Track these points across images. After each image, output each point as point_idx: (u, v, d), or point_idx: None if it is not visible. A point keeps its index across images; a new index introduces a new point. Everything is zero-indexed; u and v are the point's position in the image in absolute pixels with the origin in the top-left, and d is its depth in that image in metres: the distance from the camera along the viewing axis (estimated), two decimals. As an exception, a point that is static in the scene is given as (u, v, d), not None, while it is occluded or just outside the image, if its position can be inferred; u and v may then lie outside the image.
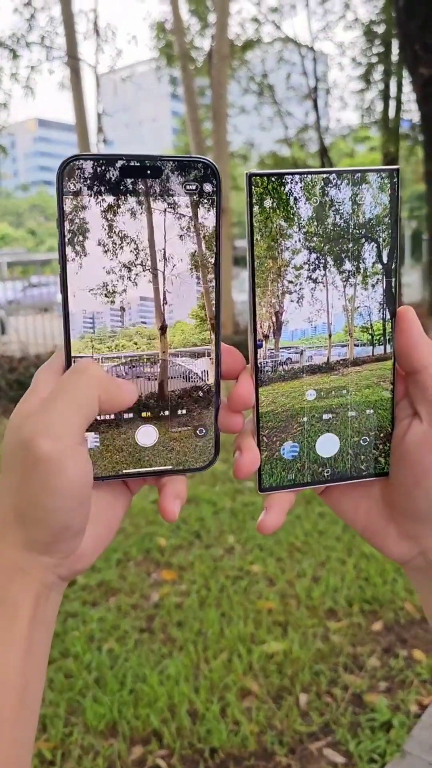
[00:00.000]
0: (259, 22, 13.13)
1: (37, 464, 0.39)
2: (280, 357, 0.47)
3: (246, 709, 1.96)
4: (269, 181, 0.44)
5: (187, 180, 0.44)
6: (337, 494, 0.50)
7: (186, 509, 3.43)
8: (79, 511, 0.41)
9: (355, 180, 0.45)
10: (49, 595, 0.43)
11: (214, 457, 0.48)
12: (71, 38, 9.97)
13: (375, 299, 0.47)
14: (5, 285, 11.52)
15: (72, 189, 0.42)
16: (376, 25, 12.53)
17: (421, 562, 0.47)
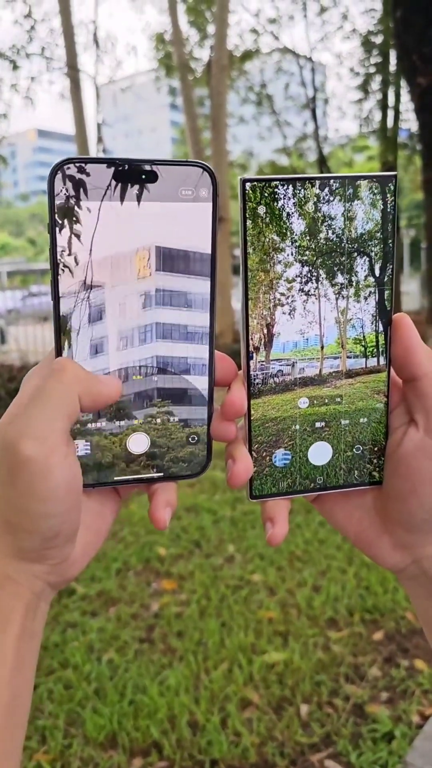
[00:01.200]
0: (258, 33, 13.21)
1: (22, 467, 0.38)
2: (272, 368, 0.46)
3: (247, 720, 1.95)
4: (264, 187, 0.43)
5: (183, 185, 0.43)
6: (330, 503, 0.50)
7: (186, 518, 3.42)
8: (68, 516, 0.40)
9: (352, 186, 0.45)
10: (39, 604, 0.43)
11: (206, 464, 0.48)
12: (71, 49, 10.04)
13: (369, 309, 0.47)
14: (5, 294, 11.55)
15: (64, 193, 0.41)
16: (374, 36, 12.60)
17: (415, 571, 0.47)
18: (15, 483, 0.38)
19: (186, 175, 0.43)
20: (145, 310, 0.45)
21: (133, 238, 0.43)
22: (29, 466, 0.38)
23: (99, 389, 0.42)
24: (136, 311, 0.45)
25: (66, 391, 0.40)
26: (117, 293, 0.44)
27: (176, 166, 0.43)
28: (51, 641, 2.35)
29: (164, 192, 0.43)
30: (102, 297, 0.44)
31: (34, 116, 77.45)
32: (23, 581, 0.41)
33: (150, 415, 0.46)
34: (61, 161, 0.41)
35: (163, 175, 0.43)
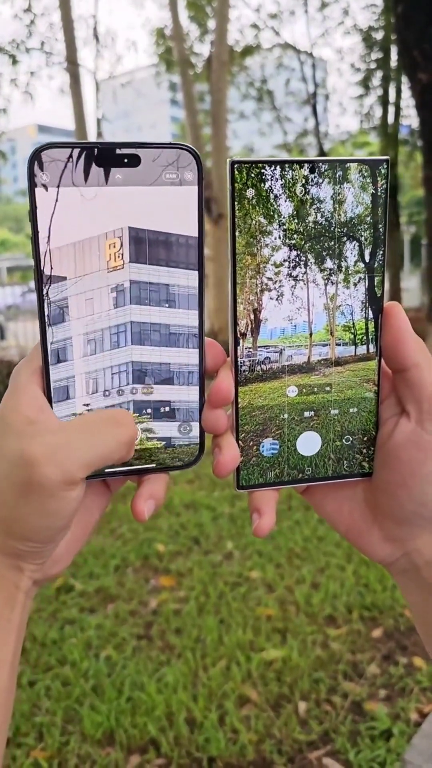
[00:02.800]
0: (259, 28, 13.16)
1: (40, 490, 0.38)
2: (259, 355, 0.45)
3: (245, 717, 1.95)
4: (254, 169, 0.42)
5: (167, 168, 0.42)
6: (320, 495, 0.49)
7: (184, 515, 3.42)
8: (66, 527, 0.41)
9: (343, 170, 0.44)
10: (21, 597, 0.42)
11: (199, 454, 0.47)
12: (71, 44, 9.99)
13: (359, 296, 0.46)
14: (4, 290, 11.53)
15: (44, 180, 0.40)
16: (375, 32, 12.55)
17: (406, 564, 0.47)
18: (26, 497, 0.38)
19: (170, 158, 0.42)
20: (120, 307, 0.43)
21: (113, 223, 0.41)
22: (47, 489, 0.38)
23: (132, 452, 0.42)
24: (107, 307, 0.43)
25: (117, 448, 0.40)
26: (93, 282, 0.42)
27: (159, 149, 0.42)
28: (49, 638, 2.34)
29: (148, 175, 0.41)
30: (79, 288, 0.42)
31: (34, 111, 77.25)
32: (9, 576, 0.41)
33: (141, 407, 0.45)
34: (42, 146, 0.40)
35: (146, 159, 0.41)
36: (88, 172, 0.41)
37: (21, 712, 1.99)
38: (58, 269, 0.41)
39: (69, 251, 0.41)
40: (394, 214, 12.63)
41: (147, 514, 0.44)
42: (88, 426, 0.39)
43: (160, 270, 0.43)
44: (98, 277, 0.42)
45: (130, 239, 0.42)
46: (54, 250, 0.41)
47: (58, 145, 0.40)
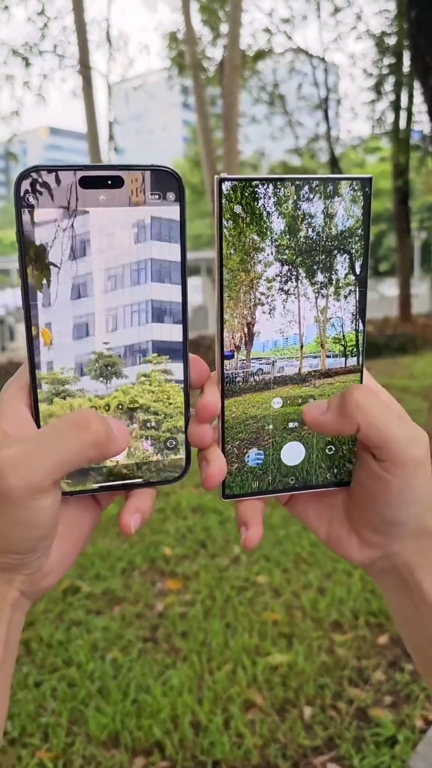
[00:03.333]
0: (271, 33, 13.18)
1: (7, 498, 0.38)
2: (252, 367, 0.47)
3: (250, 721, 1.95)
4: (240, 186, 0.43)
5: (150, 189, 0.43)
6: (301, 504, 0.50)
7: (191, 518, 3.42)
8: (45, 539, 0.41)
9: (329, 187, 0.45)
10: (13, 613, 0.43)
11: (185, 469, 0.48)
12: (84, 47, 10.04)
13: (347, 308, 0.47)
14: (14, 291, 11.57)
15: (31, 202, 0.41)
16: (388, 37, 12.56)
17: (384, 565, 0.48)
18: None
19: (153, 179, 0.43)
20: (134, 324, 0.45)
21: (101, 243, 0.43)
22: (13, 497, 0.38)
23: (112, 450, 0.41)
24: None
25: (79, 451, 0.39)
26: (81, 303, 0.44)
27: (142, 171, 0.43)
28: (55, 639, 2.35)
29: (131, 196, 0.43)
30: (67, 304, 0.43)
31: (46, 114, 77.60)
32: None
33: (127, 421, 0.46)
34: (28, 169, 0.41)
35: (129, 180, 0.43)
36: (73, 193, 0.42)
37: (27, 712, 2.00)
38: (63, 285, 0.43)
39: (71, 268, 0.43)
40: (405, 220, 12.63)
41: (133, 527, 0.45)
42: (50, 433, 0.39)
43: (147, 285, 0.44)
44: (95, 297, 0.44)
45: (123, 257, 0.43)
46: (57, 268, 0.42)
47: (43, 168, 0.41)
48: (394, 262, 17.80)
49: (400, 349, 9.75)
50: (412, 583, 0.47)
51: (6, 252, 52.89)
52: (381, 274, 31.60)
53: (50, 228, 0.42)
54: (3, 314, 10.20)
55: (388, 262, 32.18)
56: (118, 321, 0.45)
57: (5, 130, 40.67)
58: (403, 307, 12.50)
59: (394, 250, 14.38)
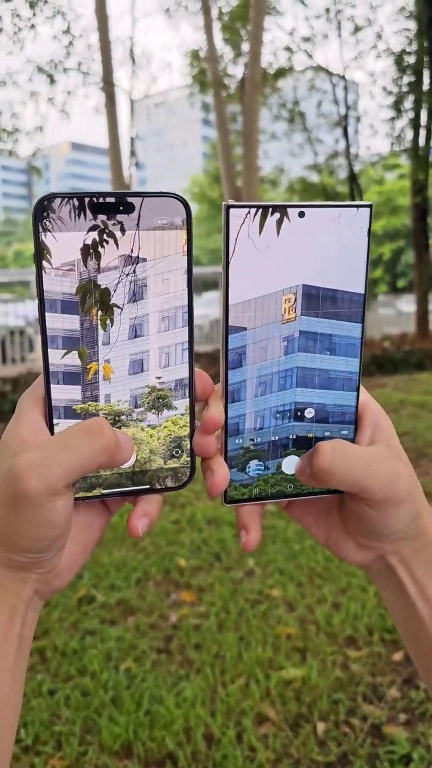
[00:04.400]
0: (292, 51, 13.30)
1: (26, 502, 0.40)
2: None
3: (263, 735, 1.94)
4: (248, 213, 0.46)
5: (158, 215, 0.45)
6: (300, 510, 0.54)
7: (206, 530, 3.43)
8: (60, 538, 0.43)
9: (334, 214, 0.48)
10: (27, 611, 0.44)
11: (189, 477, 0.50)
12: (107, 65, 10.21)
13: (351, 332, 0.50)
14: (34, 304, 11.66)
15: (48, 226, 0.44)
16: (408, 55, 12.62)
17: (381, 566, 0.51)
18: (15, 508, 0.41)
19: (162, 205, 0.46)
20: (138, 337, 0.48)
21: (112, 266, 0.46)
22: (31, 499, 0.40)
23: (119, 460, 0.44)
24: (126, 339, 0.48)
25: (92, 456, 0.42)
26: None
27: (152, 197, 0.45)
28: (69, 647, 2.36)
29: (141, 221, 0.45)
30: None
31: (69, 129, 78.66)
32: (10, 586, 0.43)
33: (136, 431, 0.48)
34: (45, 196, 0.44)
35: (140, 206, 0.45)
36: (88, 218, 0.44)
37: (40, 720, 2.01)
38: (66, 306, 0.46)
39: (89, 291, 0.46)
40: (423, 236, 12.61)
41: (141, 530, 0.47)
42: (65, 439, 0.42)
43: (151, 301, 0.47)
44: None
45: (133, 280, 0.46)
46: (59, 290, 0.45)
47: (60, 195, 0.44)
48: (411, 279, 17.77)
49: (418, 365, 9.70)
50: (407, 581, 0.49)
51: (27, 264, 53.46)
52: (399, 290, 31.50)
53: (66, 251, 0.45)
54: (23, 325, 10.30)
55: (406, 278, 32.08)
56: (144, 329, 0.48)
57: (29, 145, 41.28)
58: (420, 322, 12.45)
59: (412, 267, 14.36)
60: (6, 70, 10.49)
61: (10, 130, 10.43)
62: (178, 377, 0.48)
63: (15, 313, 10.72)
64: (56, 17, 10.46)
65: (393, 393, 7.43)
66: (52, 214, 0.43)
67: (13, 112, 10.40)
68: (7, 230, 71.64)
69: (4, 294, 18.68)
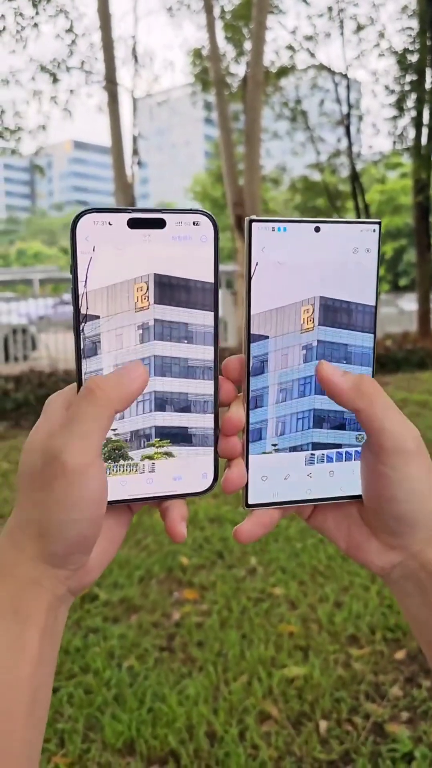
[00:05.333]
0: (294, 50, 13.29)
1: (62, 477, 0.42)
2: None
3: (265, 733, 1.94)
4: (272, 228, 0.48)
5: (187, 231, 0.48)
6: (320, 516, 0.54)
7: (209, 529, 3.43)
8: (95, 522, 0.44)
9: (345, 229, 0.50)
10: (59, 607, 0.46)
11: (213, 482, 0.52)
12: (110, 63, 10.20)
13: (364, 342, 0.53)
14: (37, 302, 11.72)
15: (84, 240, 0.46)
16: (410, 54, 12.60)
17: (403, 570, 0.50)
18: (52, 490, 0.42)
19: (190, 222, 0.48)
20: (144, 343, 0.49)
21: (143, 280, 0.47)
22: (69, 475, 0.42)
23: (129, 391, 0.45)
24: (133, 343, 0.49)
25: (100, 411, 0.44)
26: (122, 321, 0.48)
27: (182, 214, 0.48)
28: (72, 645, 2.37)
29: (171, 237, 0.47)
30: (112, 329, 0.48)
31: (72, 128, 78.63)
32: (47, 584, 0.44)
33: (162, 437, 0.50)
34: (83, 211, 0.46)
35: (171, 222, 0.47)
36: (122, 233, 0.47)
37: (43, 717, 2.01)
38: (93, 310, 0.47)
39: (102, 294, 0.47)
40: (425, 235, 12.60)
41: (185, 533, 0.50)
42: (75, 410, 0.44)
43: (180, 310, 0.49)
44: (126, 316, 0.48)
45: (155, 284, 0.48)
46: (90, 293, 0.47)
47: (97, 210, 0.46)
48: (413, 277, 17.76)
49: (420, 364, 9.70)
50: (430, 585, 0.48)
51: (29, 263, 53.52)
52: (400, 289, 31.48)
53: (101, 264, 0.47)
54: (25, 323, 10.31)
55: (408, 277, 32.05)
56: (155, 332, 0.49)
57: (32, 143, 41.20)
58: (422, 321, 12.44)
59: (414, 265, 14.34)
60: (9, 69, 10.50)
61: (13, 128, 10.43)
62: (206, 387, 0.50)
63: (17, 312, 10.74)
64: (59, 16, 10.44)
65: (395, 392, 7.43)
66: (86, 230, 0.46)
67: (16, 110, 10.40)
68: (9, 229, 71.71)
69: (6, 292, 18.70)
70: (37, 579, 0.44)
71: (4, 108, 10.32)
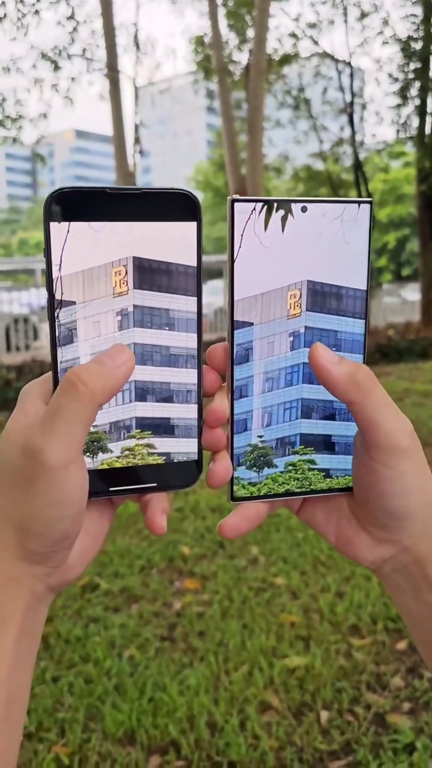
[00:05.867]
0: (297, 37, 13.19)
1: (42, 474, 0.40)
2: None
3: (266, 723, 1.94)
4: (253, 209, 0.46)
5: (169, 211, 0.45)
6: (309, 509, 0.52)
7: (210, 518, 3.42)
8: (76, 519, 0.42)
9: (338, 209, 0.47)
10: (38, 606, 0.44)
11: (197, 475, 0.50)
12: (111, 51, 10.13)
13: (355, 328, 0.50)
14: (39, 291, 11.68)
15: (58, 220, 0.43)
16: (414, 42, 12.49)
17: (395, 564, 0.48)
18: (33, 487, 0.40)
19: (172, 201, 0.45)
20: (124, 329, 0.47)
21: (122, 262, 0.45)
22: (50, 474, 0.40)
23: (113, 381, 0.42)
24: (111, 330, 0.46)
25: (83, 407, 0.41)
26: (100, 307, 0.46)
27: (162, 193, 0.45)
28: (73, 635, 2.37)
29: (151, 218, 0.45)
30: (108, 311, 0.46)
31: (73, 117, 78.33)
32: (25, 582, 0.43)
33: (143, 428, 0.47)
34: (55, 190, 0.43)
35: (150, 202, 0.45)
36: (100, 212, 0.44)
37: (44, 707, 2.01)
38: (68, 295, 0.44)
39: (78, 279, 0.44)
40: (428, 224, 12.54)
41: (165, 526, 0.48)
42: (55, 405, 0.41)
43: (161, 296, 0.46)
44: (104, 302, 0.45)
45: (134, 268, 0.45)
46: (65, 278, 0.44)
47: (72, 189, 0.43)
48: (416, 267, 17.70)
49: (422, 353, 9.67)
50: (422, 580, 0.47)
51: (31, 252, 53.44)
52: (403, 278, 31.38)
53: (75, 246, 0.45)
54: (27, 313, 10.29)
55: (411, 266, 31.94)
56: (135, 319, 0.47)
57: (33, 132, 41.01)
58: (425, 311, 12.40)
59: (417, 255, 14.28)
60: (10, 57, 10.43)
61: (14, 117, 10.37)
62: (189, 376, 0.48)
63: (19, 301, 10.71)
64: (60, 3, 10.36)
65: (397, 382, 7.41)
66: (61, 210, 0.44)
67: (17, 98, 10.33)
68: (11, 218, 71.53)
69: (8, 282, 18.68)
70: (16, 577, 0.42)
71: (5, 96, 10.26)
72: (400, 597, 0.49)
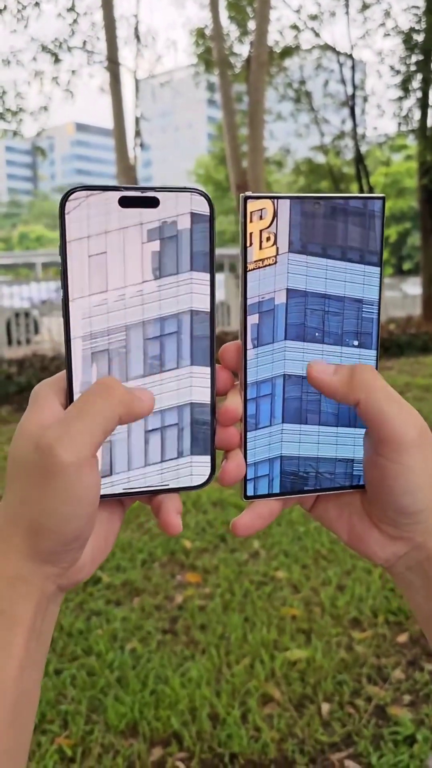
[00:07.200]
0: (299, 30, 13.13)
1: (57, 472, 0.40)
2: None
3: (267, 715, 1.95)
4: (265, 204, 0.46)
5: (182, 210, 0.45)
6: (322, 506, 0.52)
7: (212, 512, 3.43)
8: (89, 519, 0.42)
9: (349, 206, 0.48)
10: (48, 606, 0.44)
11: (210, 475, 0.49)
12: (112, 43, 10.09)
13: (363, 317, 0.50)
14: (39, 285, 11.67)
15: (74, 219, 0.43)
16: (416, 34, 12.43)
17: (408, 561, 0.48)
18: (47, 485, 0.40)
19: (185, 200, 0.45)
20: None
21: (136, 259, 0.45)
22: (65, 471, 0.40)
23: (138, 409, 0.43)
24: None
25: (110, 412, 0.41)
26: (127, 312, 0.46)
27: (176, 192, 0.45)
28: (75, 628, 2.38)
29: (165, 216, 0.45)
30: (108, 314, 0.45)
31: (73, 110, 78.03)
32: (36, 582, 0.42)
33: (156, 428, 0.47)
34: (71, 189, 0.44)
35: (164, 201, 0.45)
36: (113, 211, 0.44)
37: (47, 699, 2.02)
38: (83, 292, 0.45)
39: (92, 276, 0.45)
40: (430, 218, 12.50)
41: (180, 525, 0.48)
42: (80, 406, 0.42)
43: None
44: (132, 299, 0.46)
45: (156, 274, 0.45)
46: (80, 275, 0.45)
47: (87, 188, 0.44)
48: (417, 261, 17.66)
49: (423, 348, 9.67)
50: None
51: (32, 246, 53.37)
52: (404, 272, 31.34)
53: (90, 245, 0.45)
54: (28, 307, 10.28)
55: (412, 260, 31.89)
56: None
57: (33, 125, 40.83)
58: (426, 305, 12.39)
59: (419, 249, 14.26)
60: (10, 49, 10.39)
61: (14, 110, 10.34)
62: (201, 375, 0.47)
63: (20, 295, 10.70)
64: (60, -6, 10.31)
65: (398, 376, 7.41)
66: (76, 209, 0.44)
67: (18, 91, 10.30)
68: (11, 212, 71.42)
69: (8, 276, 18.65)
70: (26, 577, 0.42)
71: (6, 89, 10.23)
72: (413, 594, 0.49)
